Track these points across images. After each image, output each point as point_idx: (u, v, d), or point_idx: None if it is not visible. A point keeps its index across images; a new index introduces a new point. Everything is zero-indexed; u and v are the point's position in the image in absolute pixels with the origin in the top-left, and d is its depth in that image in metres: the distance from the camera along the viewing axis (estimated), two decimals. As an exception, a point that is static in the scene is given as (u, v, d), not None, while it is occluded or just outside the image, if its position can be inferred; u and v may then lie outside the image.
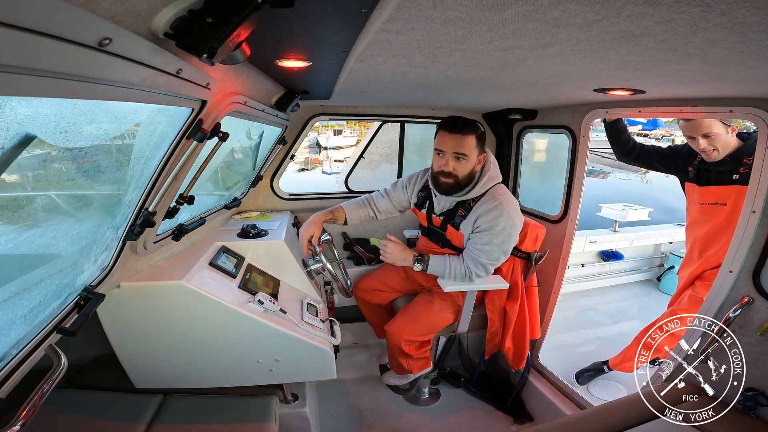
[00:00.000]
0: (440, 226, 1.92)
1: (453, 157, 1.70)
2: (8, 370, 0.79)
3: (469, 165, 1.71)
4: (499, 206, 1.70)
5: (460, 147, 1.67)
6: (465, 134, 1.67)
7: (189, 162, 1.15)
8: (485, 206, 1.72)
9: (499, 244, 1.72)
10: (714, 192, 1.89)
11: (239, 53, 0.78)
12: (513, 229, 1.74)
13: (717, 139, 1.79)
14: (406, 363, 2.02)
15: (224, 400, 1.56)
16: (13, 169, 0.59)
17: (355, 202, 2.12)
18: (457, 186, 1.75)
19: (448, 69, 1.17)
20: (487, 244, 1.72)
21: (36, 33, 0.40)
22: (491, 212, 1.69)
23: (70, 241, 0.87)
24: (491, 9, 0.65)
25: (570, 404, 2.14)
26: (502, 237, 1.71)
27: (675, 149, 2.11)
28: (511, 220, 1.71)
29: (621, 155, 2.20)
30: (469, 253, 1.78)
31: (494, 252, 1.74)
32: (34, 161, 0.64)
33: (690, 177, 2.00)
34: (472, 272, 1.77)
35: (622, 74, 1.16)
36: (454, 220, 1.83)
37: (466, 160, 1.69)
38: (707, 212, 1.94)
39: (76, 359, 1.71)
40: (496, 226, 1.69)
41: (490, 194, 1.76)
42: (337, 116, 2.60)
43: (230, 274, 1.54)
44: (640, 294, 3.77)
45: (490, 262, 1.76)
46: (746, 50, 0.78)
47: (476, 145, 1.69)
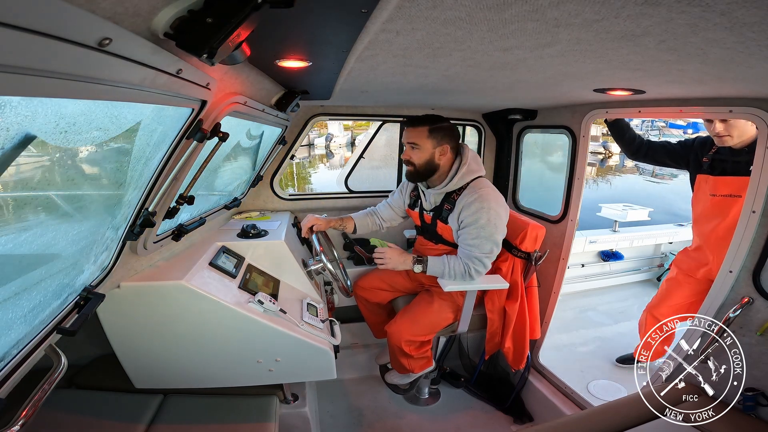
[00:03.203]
0: (431, 223, 1.99)
1: (409, 146, 1.87)
2: (8, 370, 0.79)
3: (423, 154, 1.84)
4: (479, 199, 1.78)
5: (412, 137, 1.85)
6: (416, 126, 1.84)
7: (189, 162, 1.15)
8: (466, 199, 1.81)
9: (486, 237, 1.77)
10: (729, 183, 1.84)
11: (239, 53, 0.78)
12: (498, 220, 1.79)
13: (734, 125, 1.74)
14: (408, 363, 2.02)
15: (224, 400, 1.56)
16: (13, 169, 0.59)
17: (363, 213, 2.23)
18: (417, 173, 1.89)
19: (448, 69, 1.17)
20: (476, 237, 1.78)
21: (36, 33, 0.40)
22: (472, 205, 1.78)
23: (70, 241, 0.87)
24: (491, 9, 0.65)
25: (570, 404, 2.14)
26: (488, 230, 1.77)
27: (685, 144, 2.09)
28: (493, 211, 1.77)
29: (629, 153, 2.19)
30: (463, 249, 1.83)
31: (485, 245, 1.78)
32: (34, 161, 0.64)
33: (704, 168, 1.94)
34: (471, 268, 1.80)
35: (622, 74, 1.16)
36: (441, 214, 1.92)
37: (419, 149, 1.84)
38: (719, 205, 1.88)
39: (76, 359, 1.71)
40: (480, 219, 1.76)
41: (471, 187, 1.85)
42: (337, 116, 2.60)
43: (230, 274, 1.54)
44: (640, 294, 3.77)
45: (484, 255, 1.79)
46: (746, 50, 0.78)
47: (428, 136, 1.82)
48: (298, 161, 22.65)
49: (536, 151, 2.78)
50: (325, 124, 24.07)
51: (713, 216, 1.91)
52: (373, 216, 2.21)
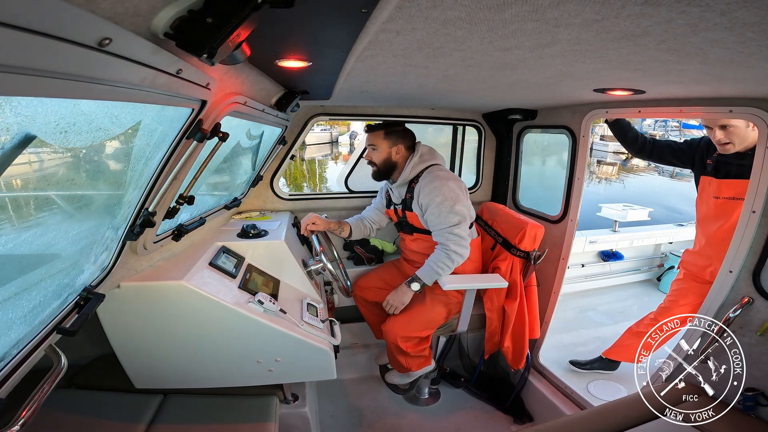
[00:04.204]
0: (402, 215, 2.14)
1: (370, 149, 2.11)
2: (8, 370, 0.79)
3: (380, 154, 2.07)
4: (431, 180, 1.95)
5: (370, 140, 2.10)
6: (373, 131, 2.09)
7: (189, 162, 1.15)
8: (421, 184, 2.00)
9: (448, 210, 1.89)
10: (732, 186, 1.84)
11: (239, 53, 0.78)
12: (452, 193, 1.91)
13: (734, 132, 1.73)
14: (405, 361, 2.03)
15: (224, 400, 1.56)
16: (14, 169, 0.59)
17: (357, 218, 2.35)
18: (378, 171, 2.11)
19: (448, 69, 1.17)
20: (438, 215, 1.91)
21: (36, 33, 0.40)
22: (426, 187, 1.95)
23: (70, 241, 0.87)
24: (491, 9, 0.65)
25: (570, 404, 2.14)
26: (447, 204, 1.89)
27: (691, 143, 2.07)
28: (446, 187, 1.91)
29: (634, 152, 2.17)
30: (434, 233, 1.96)
31: (449, 218, 1.89)
32: (34, 161, 0.64)
33: (708, 170, 1.94)
34: (449, 248, 1.89)
35: (622, 74, 1.16)
36: (407, 204, 2.09)
37: (376, 150, 2.07)
38: (722, 207, 1.88)
39: (76, 359, 1.71)
40: (435, 197, 1.91)
41: (425, 174, 2.02)
42: (337, 116, 2.60)
43: (230, 274, 1.54)
44: (640, 294, 3.77)
45: (453, 226, 1.89)
46: (746, 50, 0.78)
47: (384, 138, 2.05)
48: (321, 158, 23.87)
49: (536, 151, 2.78)
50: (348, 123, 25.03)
51: (717, 218, 1.91)
52: (362, 221, 2.31)
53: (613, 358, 2.33)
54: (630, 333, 2.29)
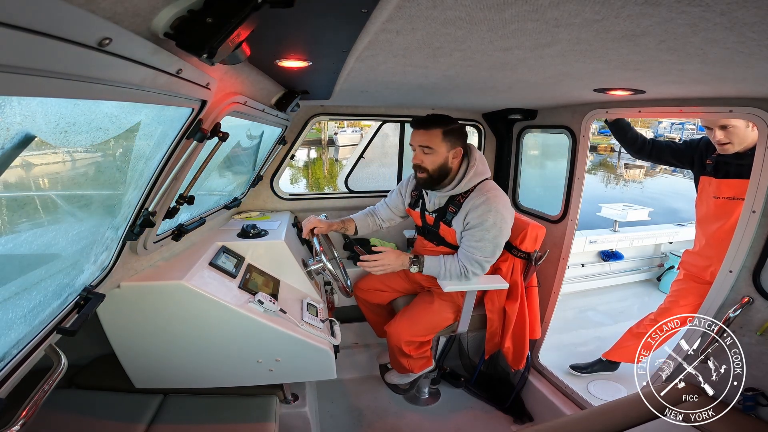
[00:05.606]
0: (433, 224, 1.94)
1: (420, 150, 1.77)
2: (8, 370, 0.79)
3: (437, 158, 1.76)
4: (487, 201, 1.73)
5: (425, 141, 1.75)
6: (429, 128, 1.75)
7: (189, 162, 1.15)
8: (474, 202, 1.76)
9: (491, 239, 1.74)
10: (732, 186, 1.84)
11: (239, 53, 0.78)
12: (503, 224, 1.75)
13: (734, 132, 1.73)
14: (407, 363, 2.02)
15: (224, 400, 1.56)
16: (14, 168, 0.59)
17: (363, 213, 2.20)
18: (430, 179, 1.80)
19: (448, 69, 1.17)
20: (479, 240, 1.74)
21: (36, 33, 0.40)
22: (479, 207, 1.73)
23: (70, 241, 0.87)
24: (491, 9, 0.65)
25: (570, 404, 2.14)
26: (493, 232, 1.73)
27: (690, 143, 2.07)
28: (500, 215, 1.73)
29: (633, 152, 2.17)
30: (463, 251, 1.80)
31: (487, 248, 1.75)
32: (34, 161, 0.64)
33: (707, 170, 1.94)
34: (468, 270, 1.78)
35: (622, 74, 1.16)
36: (445, 216, 1.86)
37: (432, 153, 1.75)
38: (722, 207, 1.88)
39: (76, 359, 1.71)
40: (486, 221, 1.72)
41: (478, 190, 1.79)
42: (338, 116, 2.60)
43: (230, 274, 1.54)
44: (640, 294, 3.77)
45: (485, 258, 1.77)
46: (746, 50, 0.78)
47: (443, 139, 1.74)
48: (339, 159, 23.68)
49: (536, 151, 2.78)
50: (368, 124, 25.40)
51: (716, 218, 1.91)
52: (372, 216, 2.20)
53: (614, 359, 2.32)
54: (630, 334, 2.29)
